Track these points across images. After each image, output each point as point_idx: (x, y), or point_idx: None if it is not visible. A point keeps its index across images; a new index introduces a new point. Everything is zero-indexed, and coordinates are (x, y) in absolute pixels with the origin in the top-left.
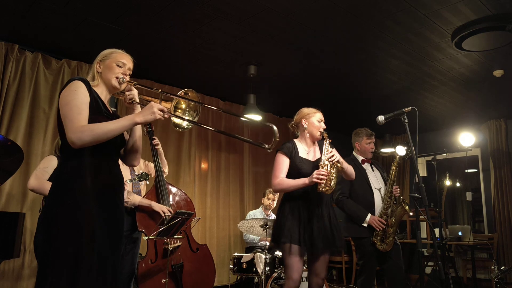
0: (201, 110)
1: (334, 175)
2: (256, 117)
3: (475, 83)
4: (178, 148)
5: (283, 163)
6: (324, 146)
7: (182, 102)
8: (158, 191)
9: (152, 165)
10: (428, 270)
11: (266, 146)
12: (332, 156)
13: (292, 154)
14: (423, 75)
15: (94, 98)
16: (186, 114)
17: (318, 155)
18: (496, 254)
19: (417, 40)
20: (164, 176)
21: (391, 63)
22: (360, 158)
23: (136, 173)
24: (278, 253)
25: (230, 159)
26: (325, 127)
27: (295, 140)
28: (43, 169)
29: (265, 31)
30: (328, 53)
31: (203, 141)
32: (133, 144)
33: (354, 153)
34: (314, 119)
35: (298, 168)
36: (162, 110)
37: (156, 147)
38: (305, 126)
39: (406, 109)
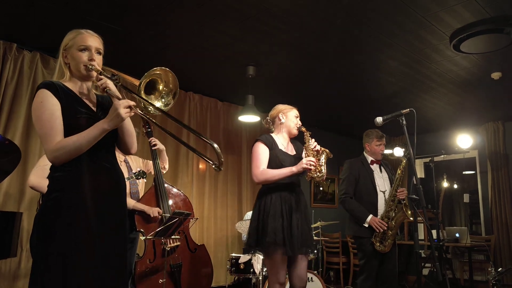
0: (200, 109)
1: (324, 161)
2: (254, 118)
3: (473, 85)
4: (176, 148)
5: (263, 153)
6: (305, 137)
7: (159, 82)
8: (157, 192)
9: (151, 163)
10: (425, 271)
11: (214, 166)
12: (315, 146)
13: (272, 145)
14: (422, 76)
15: (68, 99)
16: (164, 97)
17: (294, 152)
18: (493, 256)
19: (415, 42)
20: (164, 172)
21: (389, 65)
22: (369, 158)
23: (134, 171)
24: None
25: (229, 159)
26: (301, 123)
27: (272, 134)
28: (43, 166)
29: (263, 32)
30: (327, 54)
31: (202, 142)
32: (125, 132)
33: (364, 153)
34: (291, 114)
35: (280, 160)
36: (129, 107)
37: (154, 147)
38: (283, 120)
39: (404, 110)
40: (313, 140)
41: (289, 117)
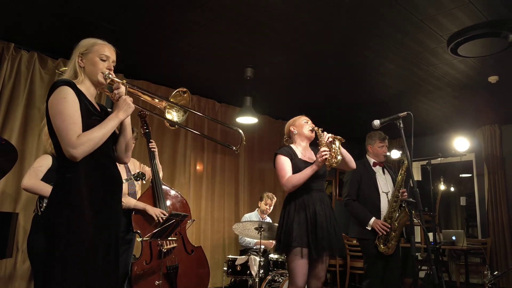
0: (198, 110)
1: (338, 148)
2: (252, 119)
3: (470, 88)
4: (173, 149)
5: (285, 163)
6: (318, 134)
7: (172, 100)
8: (154, 193)
9: (147, 168)
10: (421, 274)
11: (234, 148)
12: (328, 137)
13: (292, 155)
14: (419, 80)
15: (83, 101)
16: (175, 110)
17: (315, 158)
18: (489, 259)
19: (413, 45)
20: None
21: (387, 68)
22: (372, 160)
23: (132, 173)
24: (272, 256)
25: (226, 161)
26: (313, 125)
27: (291, 145)
28: (37, 168)
29: (262, 33)
30: (325, 56)
31: (199, 143)
32: (126, 142)
33: (366, 155)
34: (300, 122)
35: (300, 169)
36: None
37: (152, 149)
38: (295, 131)
39: (402, 113)
40: (325, 133)
41: (299, 125)
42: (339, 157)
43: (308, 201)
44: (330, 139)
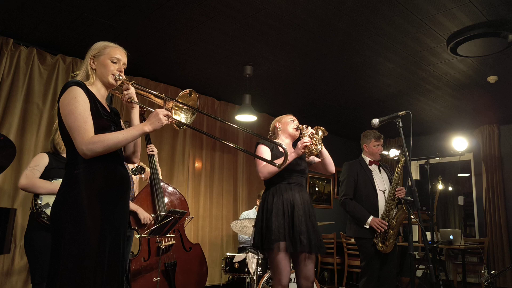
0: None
1: (319, 138)
2: (251, 117)
3: (469, 88)
4: (172, 146)
5: (265, 152)
6: (301, 131)
7: (180, 101)
8: (152, 190)
9: (148, 169)
10: (419, 273)
11: (277, 163)
12: (311, 131)
13: (273, 147)
14: (418, 79)
15: (93, 101)
16: (183, 112)
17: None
18: (487, 258)
19: (412, 44)
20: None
21: (386, 67)
22: (367, 159)
23: (131, 167)
24: None
25: (224, 158)
26: (299, 124)
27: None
28: (34, 168)
29: (262, 31)
30: (324, 55)
31: (197, 140)
32: (135, 143)
33: (362, 154)
34: (285, 119)
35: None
36: (167, 116)
37: (150, 152)
38: (279, 128)
39: (401, 112)
40: (309, 128)
41: (284, 123)
42: (319, 146)
43: (285, 191)
44: (313, 131)
